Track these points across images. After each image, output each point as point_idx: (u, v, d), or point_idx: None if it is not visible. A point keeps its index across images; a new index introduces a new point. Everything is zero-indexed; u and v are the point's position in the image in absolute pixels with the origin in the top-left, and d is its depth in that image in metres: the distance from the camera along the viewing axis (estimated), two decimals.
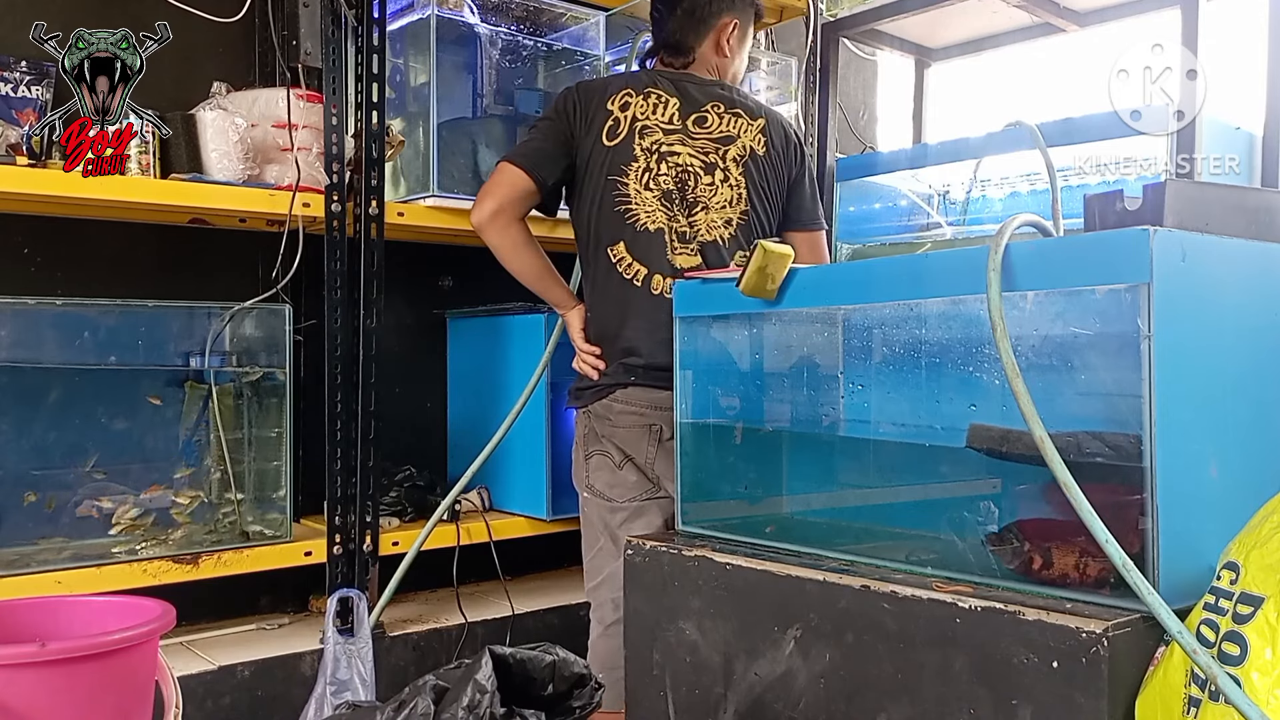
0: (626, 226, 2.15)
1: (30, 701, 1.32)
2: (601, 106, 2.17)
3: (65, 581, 2.05)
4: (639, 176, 2.15)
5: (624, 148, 2.15)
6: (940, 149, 3.09)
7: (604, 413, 2.16)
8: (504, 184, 2.13)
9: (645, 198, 2.14)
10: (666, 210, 2.15)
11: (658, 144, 2.16)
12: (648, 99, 2.18)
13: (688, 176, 2.17)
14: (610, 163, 2.15)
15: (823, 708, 1.52)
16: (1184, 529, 1.32)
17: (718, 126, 2.21)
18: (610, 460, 2.15)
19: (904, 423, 1.69)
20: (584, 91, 2.20)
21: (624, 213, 2.15)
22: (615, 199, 2.15)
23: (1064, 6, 3.08)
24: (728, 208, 2.19)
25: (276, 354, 2.44)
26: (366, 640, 2.14)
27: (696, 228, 2.16)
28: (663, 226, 2.15)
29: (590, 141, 2.17)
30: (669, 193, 2.15)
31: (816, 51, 3.23)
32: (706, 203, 2.17)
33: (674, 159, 2.16)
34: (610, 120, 2.16)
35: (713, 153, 2.19)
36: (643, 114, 2.17)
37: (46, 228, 2.38)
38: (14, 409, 2.21)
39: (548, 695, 1.29)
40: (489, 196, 2.13)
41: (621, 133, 2.16)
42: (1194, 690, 1.21)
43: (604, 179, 2.16)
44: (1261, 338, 1.43)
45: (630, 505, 2.13)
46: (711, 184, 2.18)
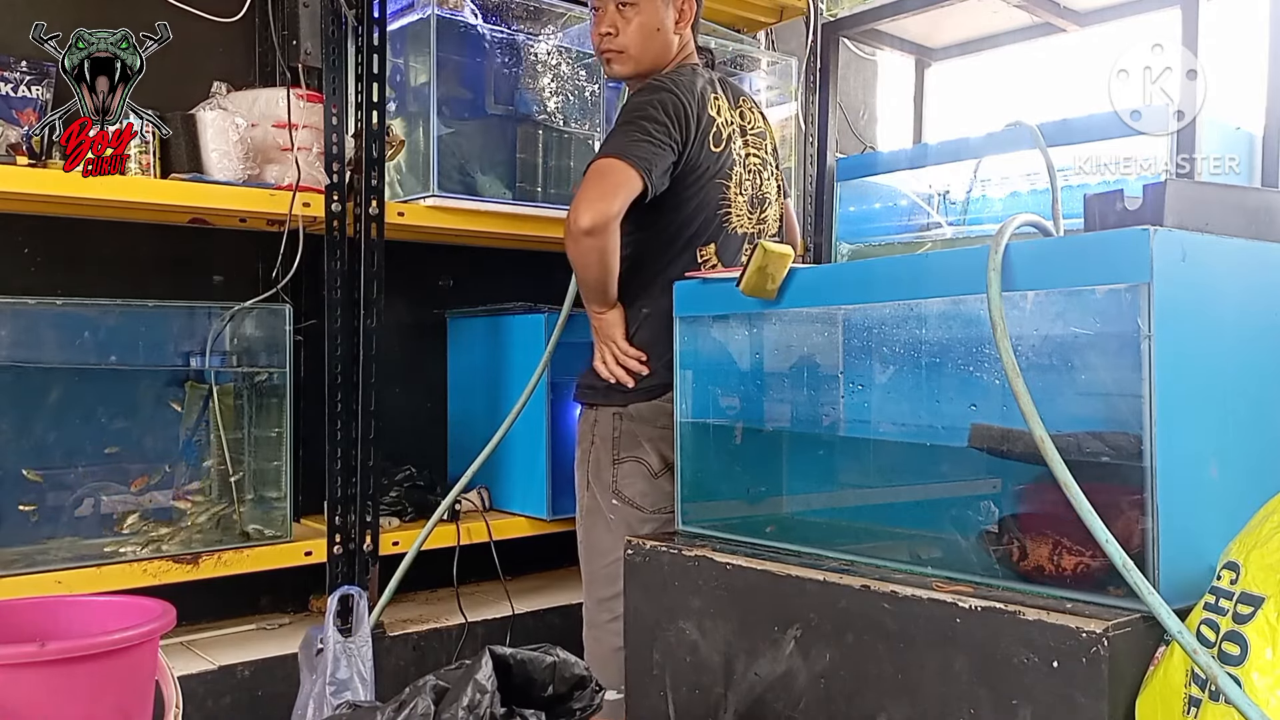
0: (722, 229, 2.15)
1: (30, 701, 1.32)
2: (705, 112, 2.10)
3: (65, 581, 2.05)
4: (738, 182, 2.17)
5: (727, 154, 2.15)
6: (940, 149, 3.10)
7: (651, 415, 2.06)
8: (625, 184, 1.95)
9: (740, 202, 2.17)
10: (750, 214, 2.20)
11: (740, 149, 2.19)
12: (721, 102, 2.17)
13: (755, 177, 2.22)
14: (718, 167, 2.13)
15: (823, 708, 1.52)
16: (1184, 529, 1.32)
17: (756, 123, 2.26)
18: (647, 468, 2.07)
19: (904, 422, 1.69)
20: (689, 95, 2.07)
21: (724, 215, 2.16)
22: (720, 202, 2.15)
23: (1064, 6, 3.08)
24: (774, 202, 2.28)
25: (276, 354, 2.44)
26: (366, 640, 2.14)
27: (765, 226, 2.23)
28: (748, 231, 2.19)
29: (699, 147, 2.09)
30: (752, 198, 2.20)
31: (816, 51, 3.24)
32: (769, 199, 2.24)
33: (750, 161, 2.21)
34: (714, 127, 2.13)
35: (761, 150, 2.25)
36: (728, 120, 2.17)
37: (46, 228, 2.38)
38: (14, 409, 2.20)
39: (548, 696, 1.29)
40: (608, 198, 1.94)
41: (724, 138, 2.15)
42: (1194, 690, 1.21)
43: (711, 183, 2.12)
44: (1261, 337, 1.43)
45: (659, 516, 2.07)
46: (769, 179, 2.26)
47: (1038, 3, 3.06)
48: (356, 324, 2.36)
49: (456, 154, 2.60)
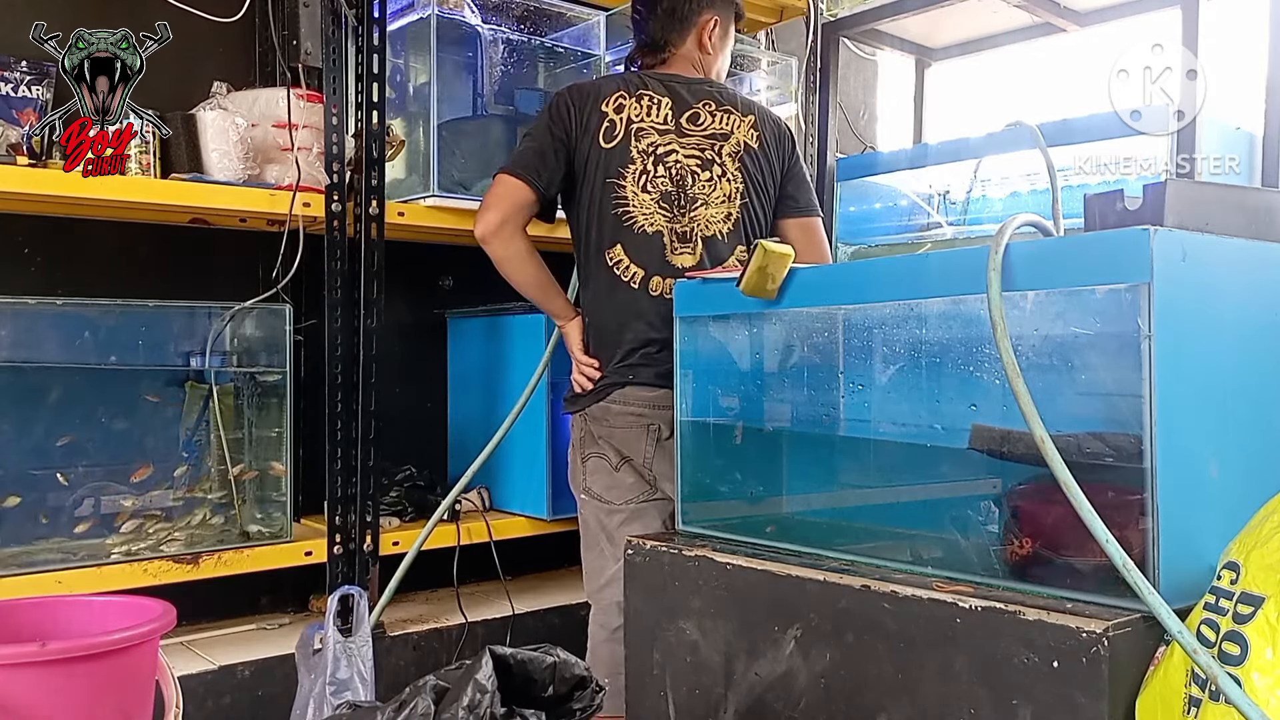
0: (624, 229, 2.15)
1: (30, 701, 1.32)
2: (596, 109, 2.17)
3: (65, 581, 2.05)
4: (636, 179, 2.15)
5: (621, 150, 2.15)
6: (940, 149, 3.09)
7: (601, 415, 2.16)
8: (505, 196, 2.12)
9: (643, 200, 2.14)
10: (665, 212, 2.15)
11: (654, 145, 2.16)
12: (640, 101, 2.18)
13: (685, 175, 2.17)
14: (608, 166, 2.15)
15: (823, 708, 1.52)
16: (1184, 529, 1.32)
17: (711, 124, 2.21)
18: (607, 463, 2.15)
19: (904, 423, 1.69)
20: (577, 94, 2.19)
21: (621, 215, 2.15)
22: (613, 202, 2.15)
23: (1064, 6, 3.08)
24: (726, 203, 2.19)
25: (276, 354, 2.44)
26: (366, 640, 2.13)
27: (696, 225, 2.17)
28: (661, 229, 2.15)
29: (587, 145, 2.16)
30: (668, 194, 2.15)
31: (817, 51, 3.24)
32: (706, 199, 2.18)
33: (670, 159, 2.16)
34: (606, 123, 2.16)
35: (709, 149, 2.20)
36: (637, 116, 2.16)
37: (46, 228, 2.38)
38: (14, 409, 2.20)
39: (548, 696, 1.28)
40: (491, 209, 2.12)
41: (618, 135, 2.16)
42: (1194, 690, 1.21)
43: (601, 182, 2.16)
44: (1261, 338, 1.43)
45: (627, 508, 2.13)
46: (710, 180, 2.18)
47: (1038, 3, 3.06)
48: (356, 324, 2.36)
49: (457, 154, 2.60)
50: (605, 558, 2.14)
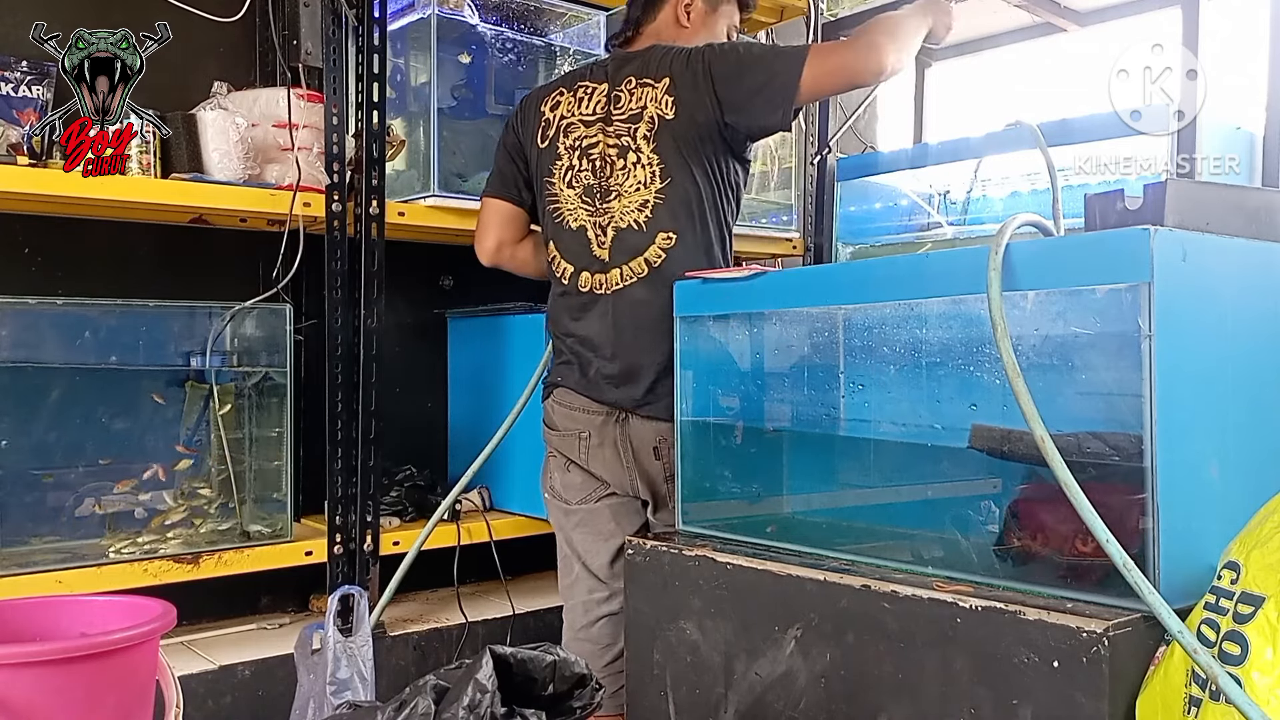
0: (556, 227, 2.15)
1: (30, 701, 1.32)
2: (535, 111, 2.18)
3: (65, 581, 2.05)
4: (563, 175, 2.14)
5: (551, 149, 2.15)
6: (940, 149, 3.09)
7: (549, 413, 2.17)
8: (490, 218, 2.25)
9: (568, 196, 2.13)
10: (588, 206, 2.11)
11: (580, 139, 2.12)
12: (575, 94, 2.15)
13: (604, 166, 2.09)
14: (542, 165, 2.16)
15: (823, 708, 1.52)
16: (1184, 528, 1.32)
17: (628, 105, 2.08)
18: (560, 460, 2.15)
19: (904, 423, 1.69)
20: (526, 101, 2.24)
21: (554, 213, 2.15)
22: (547, 199, 2.16)
23: (1064, 6, 3.08)
24: (642, 189, 2.05)
25: (277, 354, 2.44)
26: (367, 639, 2.13)
27: (611, 217, 2.08)
28: (585, 223, 2.11)
29: (531, 148, 2.19)
30: (590, 187, 2.10)
31: None
32: (619, 189, 2.07)
33: (593, 151, 2.10)
34: (541, 123, 2.17)
35: (625, 135, 2.08)
36: (570, 111, 2.14)
37: (46, 228, 2.37)
38: (14, 409, 2.20)
39: (548, 695, 1.29)
40: (484, 234, 2.25)
41: (551, 134, 2.16)
42: (1195, 690, 1.21)
43: (541, 182, 2.17)
44: (1262, 338, 1.43)
45: (581, 508, 2.11)
46: (625, 168, 2.07)
47: (1038, 3, 3.05)
48: (357, 324, 2.36)
49: (457, 154, 2.60)
50: (569, 558, 2.14)
